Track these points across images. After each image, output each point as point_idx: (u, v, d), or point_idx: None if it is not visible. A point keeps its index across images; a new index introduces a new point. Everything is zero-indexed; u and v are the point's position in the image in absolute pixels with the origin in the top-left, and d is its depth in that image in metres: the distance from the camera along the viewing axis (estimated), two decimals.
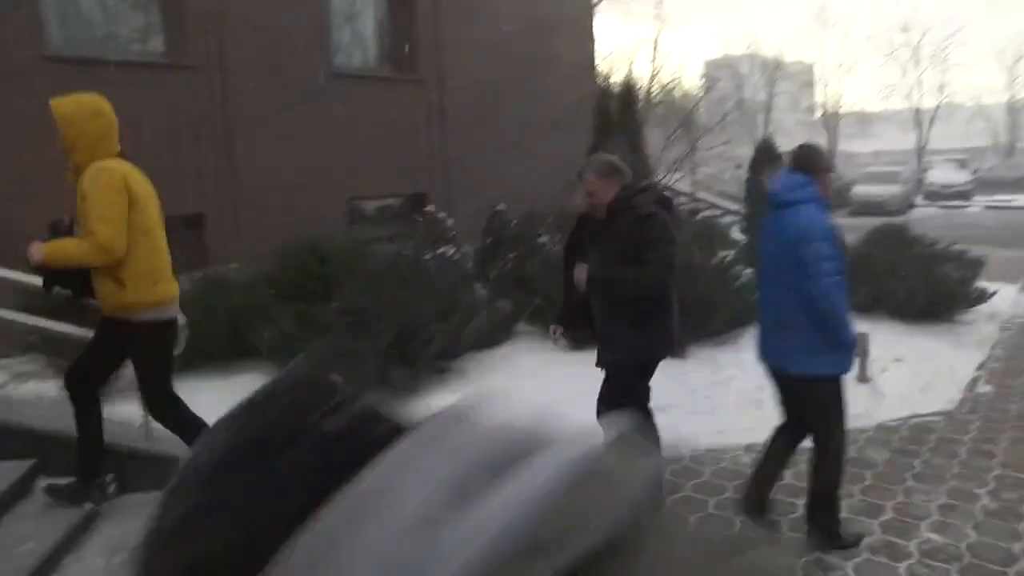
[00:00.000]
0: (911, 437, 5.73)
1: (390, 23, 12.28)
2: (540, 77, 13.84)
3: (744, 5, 79.10)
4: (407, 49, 12.18)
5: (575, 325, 4.55)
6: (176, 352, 4.61)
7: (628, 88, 10.34)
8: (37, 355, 6.89)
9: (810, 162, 3.73)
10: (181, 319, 4.56)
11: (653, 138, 14.57)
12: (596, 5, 16.40)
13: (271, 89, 10.01)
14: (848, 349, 3.71)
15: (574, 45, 15.23)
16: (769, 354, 3.94)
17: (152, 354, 4.10)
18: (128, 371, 6.19)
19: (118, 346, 4.03)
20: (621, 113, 10.00)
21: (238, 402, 0.97)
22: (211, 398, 6.13)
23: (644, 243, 4.04)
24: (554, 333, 4.60)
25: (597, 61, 16.71)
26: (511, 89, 13.27)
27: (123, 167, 3.89)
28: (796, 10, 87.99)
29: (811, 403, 3.83)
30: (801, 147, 3.89)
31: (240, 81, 9.75)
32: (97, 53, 8.95)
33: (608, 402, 4.16)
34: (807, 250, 3.52)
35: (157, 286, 3.95)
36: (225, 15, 9.66)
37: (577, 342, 4.57)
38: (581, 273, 4.25)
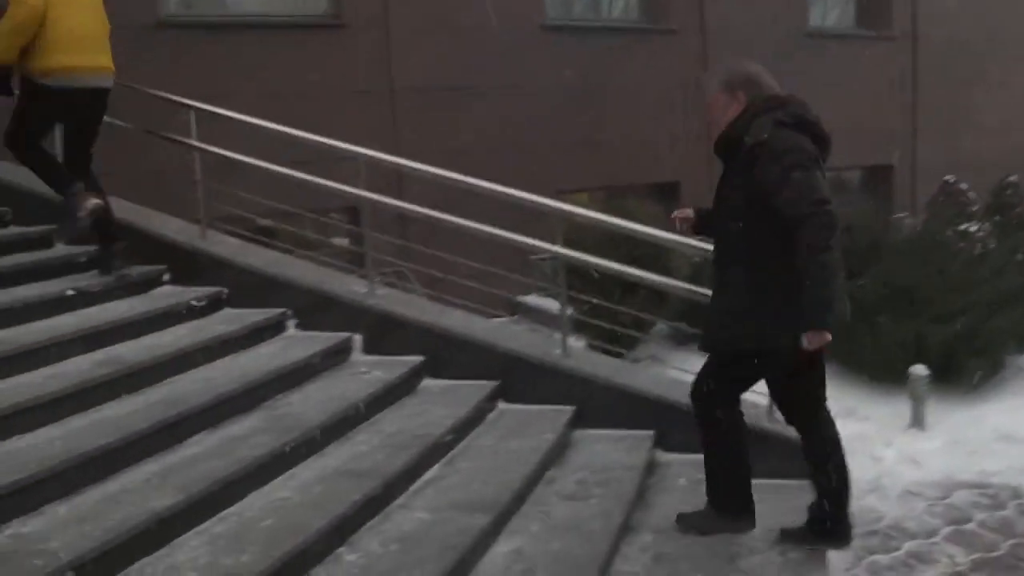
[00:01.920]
0: None
1: None
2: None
3: None
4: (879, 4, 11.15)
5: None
6: None
7: None
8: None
9: None
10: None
11: None
12: None
13: (748, 51, 9.59)
14: None
15: None
16: None
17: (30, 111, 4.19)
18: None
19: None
20: None
21: None
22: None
23: (760, 189, 2.83)
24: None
25: None
26: (990, 49, 11.70)
27: None
28: None
29: None
30: None
31: (719, 44, 9.45)
32: (584, 21, 9.21)
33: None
34: None
35: (57, 55, 4.03)
36: None
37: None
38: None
